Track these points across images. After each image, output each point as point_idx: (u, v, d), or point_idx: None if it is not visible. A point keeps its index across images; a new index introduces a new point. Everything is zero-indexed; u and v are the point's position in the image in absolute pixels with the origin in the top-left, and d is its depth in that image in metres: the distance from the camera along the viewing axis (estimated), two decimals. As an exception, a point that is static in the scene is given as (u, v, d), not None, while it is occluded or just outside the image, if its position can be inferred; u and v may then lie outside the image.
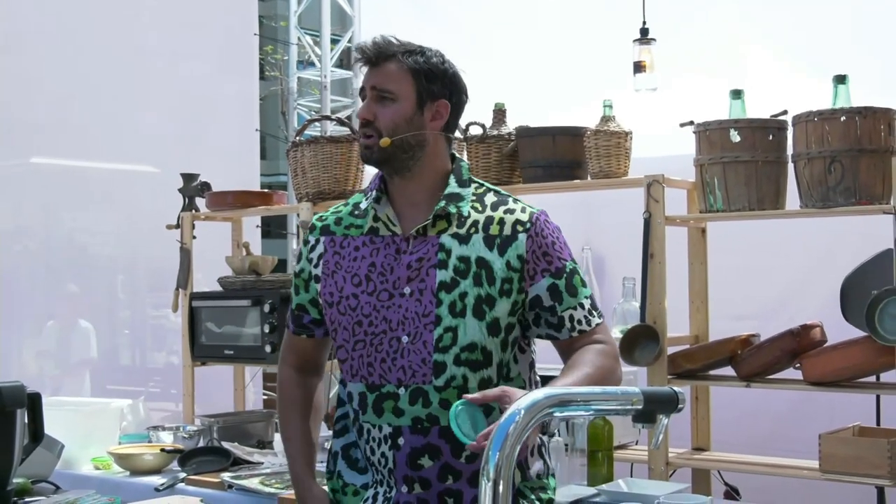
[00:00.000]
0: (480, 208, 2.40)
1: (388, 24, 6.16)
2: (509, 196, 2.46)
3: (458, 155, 2.49)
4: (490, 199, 2.43)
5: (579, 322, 2.40)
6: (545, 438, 2.53)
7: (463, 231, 2.36)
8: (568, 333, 2.40)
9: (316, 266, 2.47)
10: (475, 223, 2.38)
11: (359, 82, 6.85)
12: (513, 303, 2.35)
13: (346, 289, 2.40)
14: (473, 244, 2.35)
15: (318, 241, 2.48)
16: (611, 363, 2.38)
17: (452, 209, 2.37)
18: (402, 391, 2.32)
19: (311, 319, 2.53)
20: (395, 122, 2.34)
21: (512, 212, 2.40)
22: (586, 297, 2.43)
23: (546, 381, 2.35)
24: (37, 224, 5.54)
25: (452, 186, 2.40)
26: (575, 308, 2.39)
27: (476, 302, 2.32)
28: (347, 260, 2.42)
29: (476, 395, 2.12)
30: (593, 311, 2.43)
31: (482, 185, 2.48)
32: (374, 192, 2.42)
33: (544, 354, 2.65)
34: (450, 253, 2.34)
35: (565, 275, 2.38)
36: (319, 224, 2.50)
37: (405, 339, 2.32)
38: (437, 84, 2.38)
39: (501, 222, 2.37)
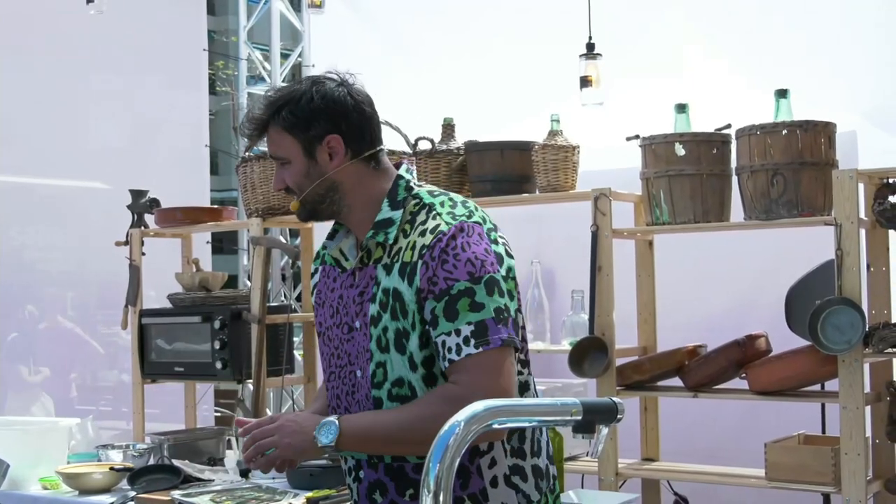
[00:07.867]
0: (409, 230, 2.24)
1: (337, 40, 6.20)
2: (438, 210, 2.24)
3: (403, 165, 2.34)
4: (421, 217, 2.24)
5: (449, 350, 2.12)
6: (516, 462, 2.25)
7: (389, 260, 2.24)
8: (442, 365, 2.15)
9: (313, 294, 2.46)
10: (399, 250, 2.23)
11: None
12: (419, 335, 2.17)
13: (327, 320, 2.37)
14: (393, 275, 2.21)
15: (317, 269, 2.45)
16: (436, 408, 2.05)
17: (381, 238, 2.25)
18: None
19: None
20: (297, 182, 2.30)
21: (424, 233, 2.20)
22: (468, 323, 2.10)
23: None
24: (-16, 241, 5.49)
25: (384, 211, 2.27)
26: (449, 334, 2.12)
27: (396, 336, 2.19)
28: (327, 290, 2.38)
29: (251, 423, 2.20)
30: (471, 339, 2.10)
31: (420, 200, 2.28)
32: (333, 227, 2.39)
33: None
34: (379, 285, 2.23)
35: (447, 297, 2.12)
36: (322, 252, 2.44)
37: (359, 373, 2.27)
38: (315, 125, 2.26)
39: (413, 247, 2.20)
